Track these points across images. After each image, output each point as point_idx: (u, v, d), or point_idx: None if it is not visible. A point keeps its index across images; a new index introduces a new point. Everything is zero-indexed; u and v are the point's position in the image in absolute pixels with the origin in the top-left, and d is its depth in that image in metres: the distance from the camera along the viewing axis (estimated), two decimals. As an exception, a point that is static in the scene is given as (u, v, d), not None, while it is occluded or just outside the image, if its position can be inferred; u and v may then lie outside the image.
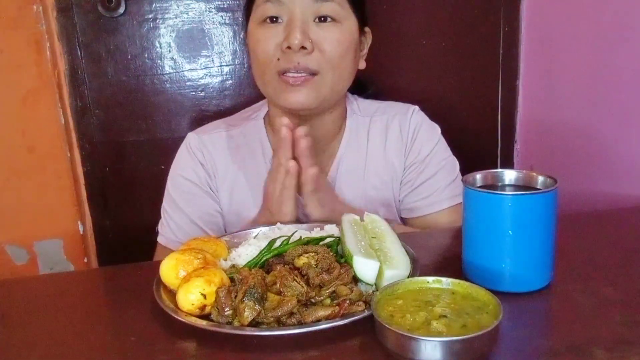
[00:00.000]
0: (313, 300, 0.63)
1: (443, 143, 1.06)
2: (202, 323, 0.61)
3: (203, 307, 0.63)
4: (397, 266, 0.67)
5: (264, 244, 0.76)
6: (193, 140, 1.05)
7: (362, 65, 1.00)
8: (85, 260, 1.45)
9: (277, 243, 0.75)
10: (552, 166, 1.42)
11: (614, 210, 1.13)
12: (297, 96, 0.90)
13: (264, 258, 0.72)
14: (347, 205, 0.98)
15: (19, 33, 1.31)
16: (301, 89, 0.90)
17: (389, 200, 1.04)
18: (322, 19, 0.90)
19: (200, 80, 1.44)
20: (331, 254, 0.70)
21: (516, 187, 0.71)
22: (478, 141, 1.59)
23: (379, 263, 0.66)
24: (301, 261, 0.69)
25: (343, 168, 1.03)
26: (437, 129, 1.06)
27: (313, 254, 0.70)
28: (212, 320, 0.62)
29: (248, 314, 0.60)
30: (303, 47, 0.87)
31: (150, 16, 1.38)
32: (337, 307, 0.61)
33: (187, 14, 1.40)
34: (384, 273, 0.65)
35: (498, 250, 0.66)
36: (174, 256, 0.69)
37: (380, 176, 1.04)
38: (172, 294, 0.67)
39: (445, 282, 0.62)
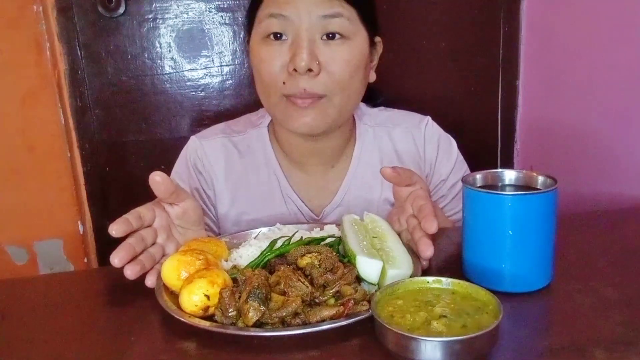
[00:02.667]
0: (317, 300, 0.63)
1: (460, 156, 1.05)
2: (206, 324, 0.60)
3: (206, 308, 0.63)
4: (400, 265, 0.67)
5: (264, 244, 0.76)
6: (192, 146, 1.02)
7: (373, 77, 0.95)
8: (85, 260, 1.45)
9: (279, 244, 0.75)
10: (552, 166, 1.43)
11: (614, 210, 1.13)
12: (304, 120, 0.86)
13: (266, 258, 0.72)
14: None
15: (19, 33, 1.31)
16: (308, 112, 0.85)
17: None
18: (330, 35, 0.84)
19: (200, 80, 1.44)
20: (334, 253, 0.70)
21: (516, 187, 0.71)
22: (478, 141, 1.59)
23: (382, 262, 0.66)
24: (304, 261, 0.68)
25: (356, 183, 1.00)
26: (453, 143, 1.05)
27: (316, 254, 0.70)
28: (215, 321, 0.62)
29: (252, 315, 0.59)
30: (309, 70, 0.82)
31: (150, 16, 1.38)
32: (341, 307, 0.61)
33: (187, 14, 1.40)
34: (387, 272, 0.65)
35: (498, 250, 0.66)
36: (175, 257, 0.69)
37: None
38: (174, 295, 0.67)
39: (445, 282, 0.62)
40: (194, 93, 1.44)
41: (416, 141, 1.02)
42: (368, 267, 0.66)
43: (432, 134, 1.03)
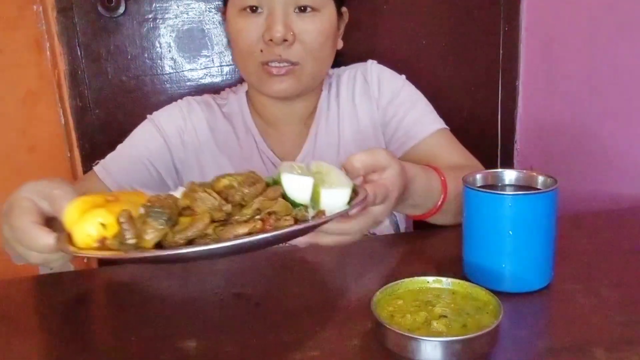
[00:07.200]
0: (235, 220, 0.54)
1: (409, 83, 1.10)
2: (95, 253, 0.52)
3: (103, 240, 0.53)
4: (336, 184, 0.59)
5: None
6: (185, 102, 1.08)
7: (340, 45, 1.03)
8: (85, 260, 1.45)
9: None
10: (552, 166, 1.42)
11: (614, 210, 1.13)
12: (280, 85, 0.94)
13: None
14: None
15: (19, 33, 1.31)
16: (284, 78, 0.93)
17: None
18: (302, 8, 0.92)
19: (200, 80, 1.44)
20: (258, 175, 0.60)
21: (516, 187, 0.71)
22: (478, 141, 1.59)
23: (312, 179, 0.57)
24: (221, 183, 0.57)
25: (322, 130, 1.05)
26: (400, 75, 1.10)
27: (237, 176, 0.59)
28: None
29: (152, 236, 0.50)
30: (284, 40, 0.90)
31: (150, 16, 1.38)
32: (260, 222, 0.53)
33: (187, 14, 1.40)
34: (321, 194, 0.57)
35: (498, 250, 0.66)
36: (81, 199, 0.58)
37: (359, 126, 1.06)
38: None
39: (445, 282, 0.62)
40: (194, 93, 1.44)
41: (365, 77, 1.08)
42: (295, 184, 0.57)
43: (378, 68, 1.08)
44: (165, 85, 1.42)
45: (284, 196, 0.57)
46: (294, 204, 0.57)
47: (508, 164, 1.59)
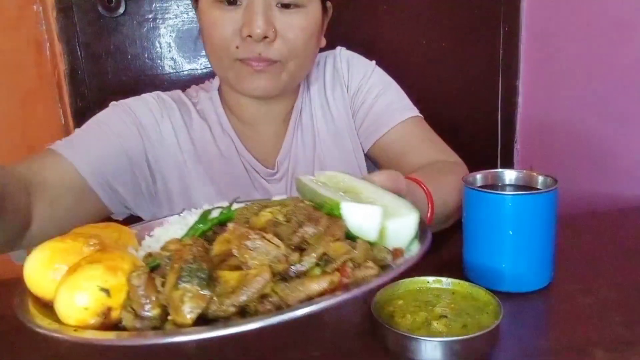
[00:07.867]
0: (294, 271, 0.40)
1: (380, 69, 1.04)
2: (105, 337, 0.37)
3: (107, 312, 0.38)
4: (400, 213, 0.47)
5: (192, 220, 0.53)
6: (157, 96, 0.98)
7: (323, 43, 0.96)
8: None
9: (215, 214, 0.52)
10: (552, 166, 1.43)
11: (614, 210, 1.13)
12: (258, 83, 0.86)
13: (200, 231, 0.49)
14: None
15: (19, 33, 1.31)
16: (262, 75, 0.85)
17: (354, 140, 1.01)
18: (285, 5, 0.84)
19: (200, 80, 1.44)
20: (307, 202, 0.47)
21: (516, 187, 0.71)
22: (478, 141, 1.59)
23: (381, 209, 0.46)
24: (263, 219, 0.44)
25: (300, 127, 1.00)
26: (372, 63, 1.05)
27: (279, 207, 0.46)
28: (124, 329, 0.38)
29: (192, 307, 0.36)
30: (265, 37, 0.82)
31: (150, 16, 1.38)
32: (336, 273, 0.40)
33: (187, 14, 1.40)
34: (386, 227, 0.46)
35: (498, 250, 0.66)
36: (48, 246, 0.43)
37: (332, 117, 1.01)
38: (49, 307, 0.42)
39: (446, 282, 0.62)
40: (194, 93, 1.44)
41: (335, 65, 1.02)
42: (363, 216, 0.45)
43: (347, 54, 1.03)
44: (165, 85, 1.42)
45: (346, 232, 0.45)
46: (356, 240, 0.45)
47: (508, 164, 1.59)
